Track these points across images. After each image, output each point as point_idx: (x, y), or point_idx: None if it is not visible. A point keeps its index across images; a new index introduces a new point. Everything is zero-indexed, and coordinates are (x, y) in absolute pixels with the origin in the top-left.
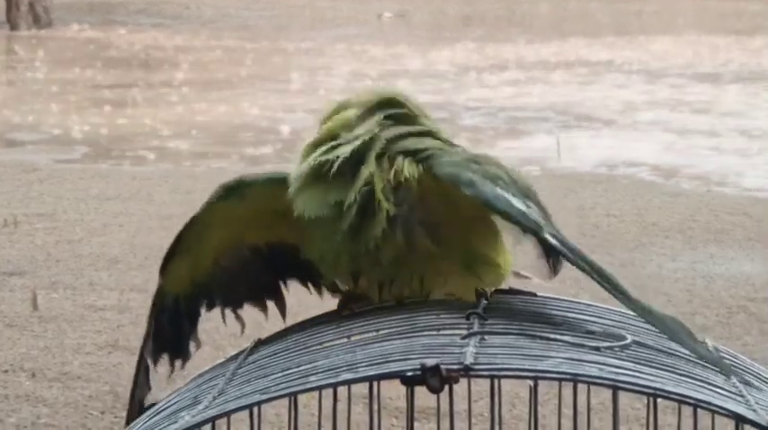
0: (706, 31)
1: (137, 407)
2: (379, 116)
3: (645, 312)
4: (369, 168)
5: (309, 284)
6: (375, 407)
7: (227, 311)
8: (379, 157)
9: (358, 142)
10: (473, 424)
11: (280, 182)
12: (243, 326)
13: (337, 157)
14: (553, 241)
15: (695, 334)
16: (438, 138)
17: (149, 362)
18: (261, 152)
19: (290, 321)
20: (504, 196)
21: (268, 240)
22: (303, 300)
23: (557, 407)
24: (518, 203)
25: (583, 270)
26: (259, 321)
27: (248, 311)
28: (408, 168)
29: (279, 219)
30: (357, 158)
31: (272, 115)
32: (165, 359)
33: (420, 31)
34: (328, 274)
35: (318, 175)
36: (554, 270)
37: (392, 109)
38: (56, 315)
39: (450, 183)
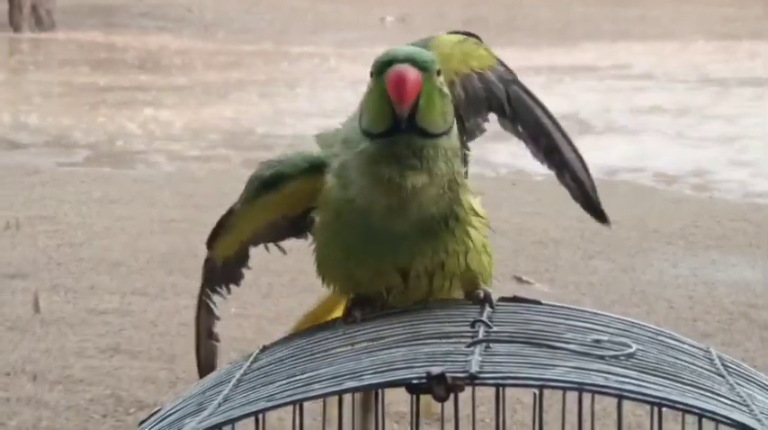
0: (708, 36)
1: (204, 335)
2: None
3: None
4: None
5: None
6: (379, 412)
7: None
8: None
9: None
10: (476, 429)
11: (315, 171)
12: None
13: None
14: None
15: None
16: None
17: (209, 297)
18: (264, 155)
19: (293, 323)
20: None
21: (296, 213)
22: (305, 302)
23: (560, 412)
24: None
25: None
26: (262, 325)
27: (252, 317)
28: None
29: (308, 197)
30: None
31: (275, 118)
32: (222, 291)
33: (422, 35)
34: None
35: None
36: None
37: None
38: (57, 318)
39: None
